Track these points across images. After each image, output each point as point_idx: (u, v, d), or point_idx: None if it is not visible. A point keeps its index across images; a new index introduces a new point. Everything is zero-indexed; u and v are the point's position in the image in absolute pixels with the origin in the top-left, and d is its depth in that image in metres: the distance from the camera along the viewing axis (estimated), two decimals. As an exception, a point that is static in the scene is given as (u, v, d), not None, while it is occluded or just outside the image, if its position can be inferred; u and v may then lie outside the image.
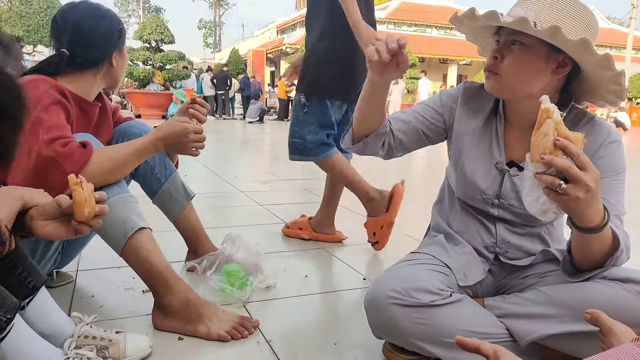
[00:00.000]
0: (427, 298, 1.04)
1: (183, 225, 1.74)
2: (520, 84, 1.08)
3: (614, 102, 1.11)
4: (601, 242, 0.96)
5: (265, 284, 1.63)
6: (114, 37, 1.42)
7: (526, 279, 1.20)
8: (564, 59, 1.06)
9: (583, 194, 0.83)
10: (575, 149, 0.82)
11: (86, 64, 1.38)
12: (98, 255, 1.79)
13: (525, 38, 1.04)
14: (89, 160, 1.22)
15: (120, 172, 1.32)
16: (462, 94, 1.26)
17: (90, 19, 1.38)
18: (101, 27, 1.39)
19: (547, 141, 0.83)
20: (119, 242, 1.27)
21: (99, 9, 1.42)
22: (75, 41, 1.36)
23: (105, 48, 1.40)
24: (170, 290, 1.29)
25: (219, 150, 6.59)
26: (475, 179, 1.21)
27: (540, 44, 1.04)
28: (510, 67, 1.07)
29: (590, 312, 0.88)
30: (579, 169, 0.82)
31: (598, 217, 0.90)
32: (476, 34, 1.22)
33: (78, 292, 1.57)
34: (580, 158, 0.82)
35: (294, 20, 27.81)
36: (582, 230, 0.92)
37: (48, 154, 1.17)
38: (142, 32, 15.85)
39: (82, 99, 1.39)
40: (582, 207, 0.86)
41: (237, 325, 1.30)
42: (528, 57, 1.05)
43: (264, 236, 2.31)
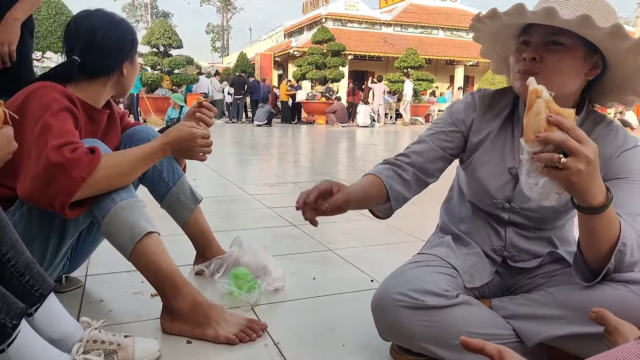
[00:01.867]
0: (433, 300, 1.04)
1: (191, 229, 1.75)
2: (561, 85, 1.04)
3: (632, 102, 1.08)
4: (608, 227, 0.92)
5: (273, 287, 1.63)
6: (126, 47, 1.43)
7: (534, 279, 1.19)
8: (597, 60, 1.04)
9: (584, 165, 0.81)
10: (569, 123, 0.81)
11: (97, 72, 1.39)
12: (107, 260, 1.81)
13: (565, 39, 1.01)
14: (97, 166, 1.22)
15: (128, 177, 1.33)
16: (480, 104, 1.22)
17: (104, 28, 1.39)
18: (114, 36, 1.40)
19: (540, 119, 0.82)
20: (127, 246, 1.28)
21: (113, 18, 1.43)
22: (87, 49, 1.37)
23: (117, 57, 1.41)
24: (178, 294, 1.30)
25: (228, 153, 6.62)
26: (485, 184, 1.20)
27: (579, 45, 1.01)
28: (554, 66, 1.02)
29: (595, 311, 0.88)
30: (576, 142, 0.81)
31: (601, 195, 0.88)
32: (494, 38, 1.17)
33: (87, 296, 1.59)
34: (575, 131, 0.81)
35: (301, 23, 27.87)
36: (587, 210, 0.89)
37: (56, 159, 1.17)
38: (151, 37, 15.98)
39: (90, 107, 1.40)
40: (585, 181, 0.83)
41: (245, 328, 1.30)
42: (570, 57, 1.02)
43: (272, 239, 2.32)
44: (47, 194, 1.18)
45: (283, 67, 25.52)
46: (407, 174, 1.19)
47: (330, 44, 18.45)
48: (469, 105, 1.24)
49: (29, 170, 1.19)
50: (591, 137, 1.08)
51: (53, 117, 1.23)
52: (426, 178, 1.22)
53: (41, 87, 1.27)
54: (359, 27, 25.46)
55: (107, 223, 1.29)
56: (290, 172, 4.90)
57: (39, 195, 1.19)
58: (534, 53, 1.03)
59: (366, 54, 22.67)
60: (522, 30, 1.09)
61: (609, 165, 1.07)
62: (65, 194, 1.18)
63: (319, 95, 17.45)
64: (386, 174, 1.18)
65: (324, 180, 1.09)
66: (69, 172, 1.18)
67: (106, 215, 1.29)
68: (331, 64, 18.20)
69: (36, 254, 1.34)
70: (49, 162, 1.17)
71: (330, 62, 18.22)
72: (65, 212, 1.20)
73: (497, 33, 1.15)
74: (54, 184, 1.17)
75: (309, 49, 19.23)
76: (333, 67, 18.25)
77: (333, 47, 18.33)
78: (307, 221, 1.04)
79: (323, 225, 2.64)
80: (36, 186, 1.18)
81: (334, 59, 18.27)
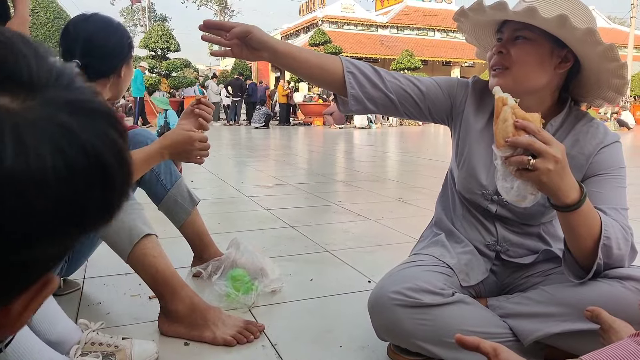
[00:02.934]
0: (429, 298, 1.05)
1: (189, 231, 1.76)
2: (526, 76, 1.08)
3: (613, 99, 1.11)
4: (588, 224, 0.95)
5: (271, 288, 1.64)
6: (124, 51, 1.45)
7: (529, 278, 1.20)
8: (566, 54, 1.06)
9: (552, 165, 0.86)
10: (535, 127, 0.87)
11: (96, 75, 1.40)
12: (105, 262, 1.81)
13: (529, 33, 1.05)
14: None
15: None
16: (471, 88, 1.24)
17: (103, 32, 1.41)
18: (113, 40, 1.42)
19: (508, 125, 0.87)
20: (125, 249, 1.29)
21: (111, 22, 1.45)
22: (87, 53, 1.38)
23: (115, 61, 1.43)
24: (176, 296, 1.30)
25: (225, 156, 6.62)
26: (476, 173, 1.21)
27: (544, 38, 1.05)
28: (517, 58, 1.07)
29: (590, 310, 0.89)
30: (542, 143, 0.86)
31: (574, 192, 0.91)
32: (478, 33, 1.22)
33: (85, 299, 1.59)
34: (541, 133, 0.86)
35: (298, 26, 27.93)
36: (563, 208, 0.93)
37: None
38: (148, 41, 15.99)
39: None
40: (556, 180, 0.88)
41: (243, 330, 1.31)
42: (533, 49, 1.06)
43: (269, 240, 2.32)
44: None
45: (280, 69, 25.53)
46: (381, 82, 1.16)
47: (327, 46, 18.49)
48: (462, 85, 1.26)
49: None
50: (572, 133, 1.12)
51: None
52: (392, 105, 1.18)
53: None
54: (355, 30, 25.52)
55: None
56: (287, 173, 4.90)
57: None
58: (501, 47, 1.08)
59: (363, 56, 22.69)
60: (497, 29, 1.13)
61: (590, 162, 1.10)
62: None
63: (316, 97, 17.47)
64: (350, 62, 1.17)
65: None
66: None
67: None
68: (328, 66, 18.19)
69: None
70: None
71: (327, 64, 18.20)
72: None
73: (479, 32, 1.20)
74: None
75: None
76: (330, 69, 18.23)
77: (330, 50, 18.35)
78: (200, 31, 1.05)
79: (320, 226, 2.65)
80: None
81: (331, 61, 18.25)
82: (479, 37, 1.24)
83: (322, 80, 1.16)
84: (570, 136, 1.13)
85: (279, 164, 5.80)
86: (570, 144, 1.12)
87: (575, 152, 1.11)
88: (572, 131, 1.14)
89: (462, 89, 1.24)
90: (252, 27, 1.05)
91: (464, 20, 1.15)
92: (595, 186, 1.08)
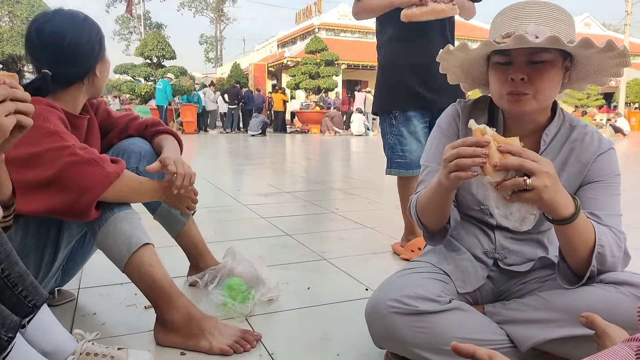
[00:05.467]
0: (426, 306, 1.05)
1: (184, 240, 1.75)
2: (548, 98, 1.09)
3: (618, 73, 1.10)
4: (582, 234, 0.98)
5: (268, 297, 1.63)
6: (95, 49, 1.35)
7: (526, 284, 1.20)
8: (567, 63, 1.09)
9: (548, 180, 0.88)
10: (518, 148, 0.89)
11: (69, 82, 1.34)
12: (100, 272, 1.80)
13: (548, 55, 1.03)
14: (124, 169, 1.29)
15: (138, 196, 1.39)
16: (462, 113, 1.25)
17: (70, 33, 1.29)
18: (82, 39, 1.31)
19: (492, 152, 0.89)
20: (123, 257, 1.28)
21: (76, 18, 1.33)
22: (56, 59, 1.28)
23: (88, 62, 1.35)
24: (172, 306, 1.30)
25: (222, 163, 6.62)
26: (473, 191, 1.22)
27: (559, 56, 1.05)
28: (544, 85, 1.04)
29: (585, 316, 0.89)
30: (531, 162, 0.88)
31: (570, 205, 0.94)
32: (467, 66, 1.20)
33: (80, 309, 1.58)
34: (526, 153, 0.89)
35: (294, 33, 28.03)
36: (560, 222, 0.95)
37: (88, 156, 1.22)
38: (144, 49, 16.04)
39: (70, 114, 1.35)
40: (552, 195, 0.90)
41: (240, 339, 1.30)
42: (554, 71, 1.05)
43: (266, 249, 2.31)
44: (74, 190, 1.20)
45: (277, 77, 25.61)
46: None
47: (324, 53, 18.56)
48: (454, 115, 1.27)
49: (38, 176, 1.19)
50: (568, 142, 1.14)
51: (55, 126, 1.23)
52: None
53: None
54: (352, 37, 25.63)
55: (104, 233, 1.30)
56: (284, 181, 4.90)
57: (58, 196, 1.20)
58: (522, 74, 1.04)
59: (359, 63, 22.79)
60: (497, 52, 1.08)
61: (587, 169, 1.12)
62: (100, 185, 1.22)
63: (313, 104, 17.53)
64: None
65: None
66: (102, 167, 1.23)
67: (103, 225, 1.30)
68: (325, 73, 18.31)
69: (31, 266, 1.34)
70: (81, 159, 1.21)
71: (324, 72, 18.33)
72: (90, 209, 1.23)
73: (470, 63, 1.19)
74: (84, 177, 1.21)
75: (303, 59, 19.32)
76: (327, 77, 18.35)
77: (326, 57, 18.45)
78: None
79: (317, 234, 2.64)
80: (58, 186, 1.19)
81: (328, 69, 18.38)
82: (470, 69, 1.22)
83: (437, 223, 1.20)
84: (567, 145, 1.15)
85: (275, 172, 5.80)
86: (567, 153, 1.14)
87: (572, 161, 1.13)
88: (567, 140, 1.15)
89: (457, 119, 1.26)
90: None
91: (460, 54, 1.13)
92: (592, 193, 1.10)
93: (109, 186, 1.24)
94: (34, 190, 1.19)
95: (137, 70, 16.28)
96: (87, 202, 1.22)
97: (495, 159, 0.89)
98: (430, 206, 1.15)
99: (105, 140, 1.57)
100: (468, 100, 1.28)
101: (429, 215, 1.18)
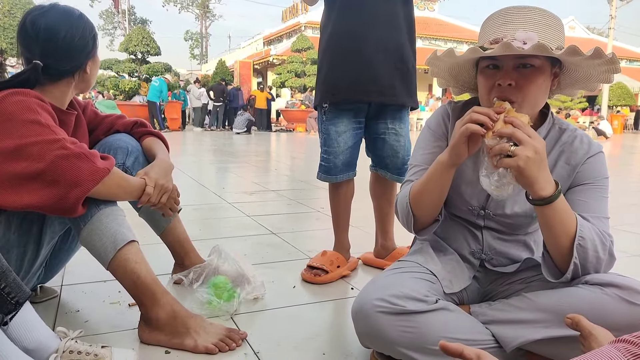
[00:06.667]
0: (412, 305, 1.05)
1: (170, 238, 1.73)
2: (537, 104, 1.10)
3: (607, 79, 1.10)
4: (562, 221, 1.00)
5: (253, 296, 1.62)
6: (88, 45, 1.36)
7: (512, 285, 1.21)
8: (556, 70, 1.10)
9: (532, 153, 0.92)
10: (521, 122, 0.94)
11: (60, 76, 1.33)
12: (83, 269, 1.77)
13: (536, 60, 1.04)
14: (114, 166, 1.28)
15: (127, 193, 1.35)
16: (452, 115, 1.26)
17: (65, 28, 1.30)
18: (76, 35, 1.31)
19: (499, 122, 0.97)
20: (108, 254, 1.27)
21: (72, 14, 1.34)
22: (49, 52, 1.28)
23: (80, 58, 1.35)
24: (157, 303, 1.29)
25: (206, 161, 6.57)
26: (462, 191, 1.23)
27: (547, 62, 1.06)
28: (531, 92, 1.05)
29: (570, 317, 0.90)
30: (525, 134, 0.93)
31: (549, 186, 0.97)
32: (456, 70, 1.22)
33: (63, 307, 1.55)
34: (526, 128, 0.94)
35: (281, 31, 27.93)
36: (538, 202, 0.98)
37: (78, 150, 1.20)
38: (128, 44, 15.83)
39: (59, 109, 1.34)
40: (533, 169, 0.93)
41: (225, 338, 1.29)
42: (542, 77, 1.06)
43: (251, 247, 2.30)
44: (63, 184, 1.17)
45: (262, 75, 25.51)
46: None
47: (310, 52, 18.55)
48: (443, 115, 1.28)
49: (26, 168, 1.16)
50: (558, 145, 1.17)
51: (46, 119, 1.21)
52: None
53: (14, 94, 1.23)
54: (338, 36, 25.59)
55: (89, 229, 1.28)
56: (269, 180, 4.88)
57: (46, 190, 1.17)
58: (509, 79, 1.05)
59: (345, 62, 22.75)
60: (485, 57, 1.09)
61: (577, 171, 1.14)
62: (90, 180, 1.20)
63: (298, 103, 17.50)
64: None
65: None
66: (92, 162, 1.21)
67: (89, 221, 1.28)
68: (311, 72, 18.30)
69: (13, 262, 1.32)
70: (71, 153, 1.18)
71: (310, 70, 18.31)
72: (78, 204, 1.21)
73: (457, 68, 1.21)
74: (75, 172, 1.18)
75: (289, 57, 19.29)
76: (313, 75, 18.33)
77: (312, 56, 18.43)
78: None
79: (302, 233, 2.64)
80: (47, 179, 1.17)
81: (314, 67, 18.36)
82: (458, 73, 1.23)
83: (431, 210, 1.20)
84: (557, 148, 1.17)
85: (260, 170, 5.78)
86: (556, 155, 1.16)
87: (562, 163, 1.16)
88: (557, 143, 1.17)
89: (447, 120, 1.27)
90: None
91: (447, 59, 1.14)
92: (580, 195, 1.12)
93: (99, 182, 1.22)
94: (21, 184, 1.16)
95: (122, 65, 16.06)
96: (76, 197, 1.19)
97: (497, 126, 0.96)
98: (427, 189, 1.15)
99: (92, 137, 1.55)
100: (459, 101, 1.29)
101: (425, 201, 1.17)
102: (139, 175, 1.40)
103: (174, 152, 7.49)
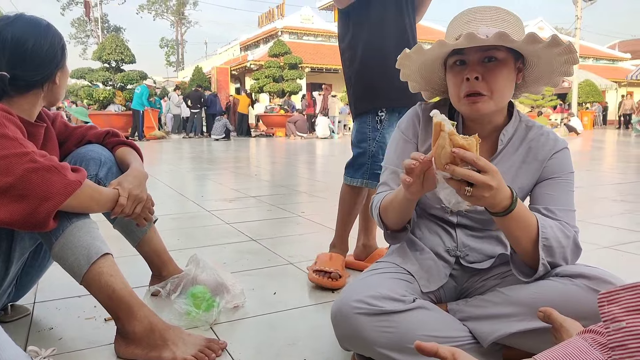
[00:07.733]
0: (390, 305, 1.05)
1: (146, 249, 1.70)
2: (504, 98, 1.13)
3: (568, 72, 1.15)
4: (523, 226, 1.03)
5: (233, 304, 1.61)
6: (57, 56, 1.33)
7: (487, 281, 1.23)
8: (520, 64, 1.14)
9: (487, 192, 0.93)
10: (472, 156, 0.90)
11: (28, 87, 1.30)
12: (56, 285, 1.73)
13: (499, 53, 1.08)
14: (85, 178, 1.26)
15: (99, 205, 1.33)
16: (422, 116, 1.28)
17: (32, 38, 1.27)
18: (44, 45, 1.29)
19: (446, 152, 0.91)
20: (82, 267, 1.24)
21: (40, 24, 1.31)
22: (16, 63, 1.26)
23: (49, 68, 1.32)
24: (133, 317, 1.26)
25: (185, 169, 6.50)
26: (435, 191, 1.24)
27: (510, 56, 1.10)
28: (499, 84, 1.09)
29: (542, 310, 0.93)
30: (478, 174, 0.91)
31: (505, 200, 0.98)
32: (425, 70, 1.23)
33: (35, 325, 1.51)
34: (478, 163, 0.91)
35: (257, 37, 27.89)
36: (495, 214, 1.01)
37: (48, 163, 1.18)
38: (102, 53, 15.60)
39: (27, 122, 1.31)
40: (489, 201, 0.96)
41: (204, 348, 1.27)
42: (506, 70, 1.10)
43: (231, 255, 2.28)
44: (33, 198, 1.15)
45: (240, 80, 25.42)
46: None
47: (287, 57, 18.57)
48: (414, 117, 1.31)
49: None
50: (525, 142, 1.20)
51: (14, 132, 1.18)
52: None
53: None
54: (315, 40, 25.73)
55: (61, 244, 1.25)
56: (249, 186, 4.86)
57: (15, 205, 1.14)
58: (476, 72, 1.09)
59: (323, 66, 22.91)
60: (454, 51, 1.13)
61: (544, 167, 1.18)
62: (61, 194, 1.18)
63: (277, 108, 17.49)
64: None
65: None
66: (63, 175, 1.19)
67: (60, 235, 1.25)
68: (288, 76, 18.32)
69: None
70: (41, 166, 1.16)
71: (288, 75, 18.34)
72: (49, 219, 1.18)
73: (427, 65, 1.22)
74: (45, 186, 1.16)
75: (266, 62, 19.27)
76: (290, 80, 18.35)
77: (290, 60, 18.46)
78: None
79: (283, 239, 2.63)
80: (16, 194, 1.14)
81: (291, 72, 18.40)
82: (429, 75, 1.26)
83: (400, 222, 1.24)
84: (524, 144, 1.21)
85: (240, 177, 5.74)
86: (524, 152, 1.20)
87: (530, 159, 1.19)
88: (525, 140, 1.21)
89: (417, 121, 1.29)
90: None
91: (416, 57, 1.16)
92: (548, 189, 1.16)
93: (70, 195, 1.19)
94: None
95: (95, 74, 15.81)
96: (47, 211, 1.16)
97: (447, 159, 0.92)
98: (392, 208, 1.19)
99: (62, 149, 1.52)
100: (429, 103, 1.31)
101: (392, 217, 1.22)
102: (111, 185, 1.38)
103: (152, 161, 7.40)
